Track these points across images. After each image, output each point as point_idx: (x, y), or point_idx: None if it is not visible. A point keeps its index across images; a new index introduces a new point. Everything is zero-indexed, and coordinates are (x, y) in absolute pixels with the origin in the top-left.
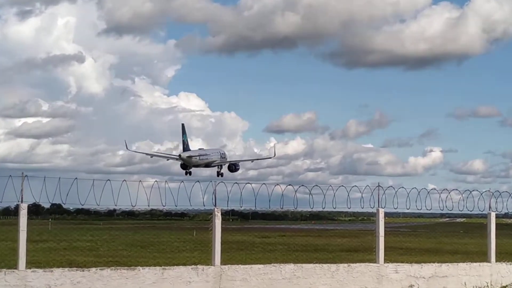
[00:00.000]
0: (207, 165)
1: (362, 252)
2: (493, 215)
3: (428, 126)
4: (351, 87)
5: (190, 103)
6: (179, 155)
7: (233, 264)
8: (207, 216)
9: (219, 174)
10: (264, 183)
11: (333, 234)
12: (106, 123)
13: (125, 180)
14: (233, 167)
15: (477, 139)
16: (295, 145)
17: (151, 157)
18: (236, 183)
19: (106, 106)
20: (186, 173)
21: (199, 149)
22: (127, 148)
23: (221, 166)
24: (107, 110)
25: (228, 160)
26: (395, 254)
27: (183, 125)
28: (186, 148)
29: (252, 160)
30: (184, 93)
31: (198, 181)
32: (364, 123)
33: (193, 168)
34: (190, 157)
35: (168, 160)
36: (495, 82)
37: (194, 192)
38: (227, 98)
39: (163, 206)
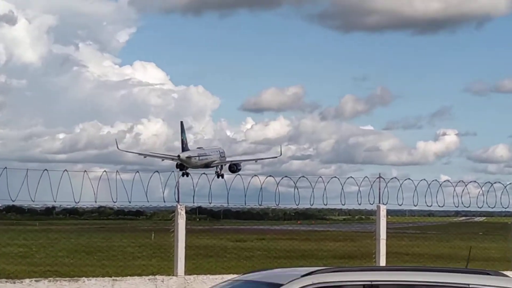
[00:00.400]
0: (207, 165)
1: (359, 259)
2: None
3: (440, 104)
4: (346, 55)
5: (148, 75)
6: (178, 156)
7: (200, 274)
8: (168, 215)
9: (219, 175)
10: (238, 174)
11: (323, 237)
12: (43, 99)
13: (66, 170)
14: (234, 167)
15: (500, 120)
16: (278, 127)
17: (145, 157)
18: (204, 173)
19: (43, 78)
20: (183, 174)
21: (198, 148)
22: (118, 148)
23: (221, 166)
24: (45, 84)
25: (227, 159)
26: (400, 261)
27: (181, 122)
28: (185, 148)
29: (256, 160)
30: (140, 63)
31: (157, 171)
32: (362, 100)
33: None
34: (189, 157)
35: (163, 160)
36: None
37: (153, 186)
38: (194, 69)
39: (114, 202)
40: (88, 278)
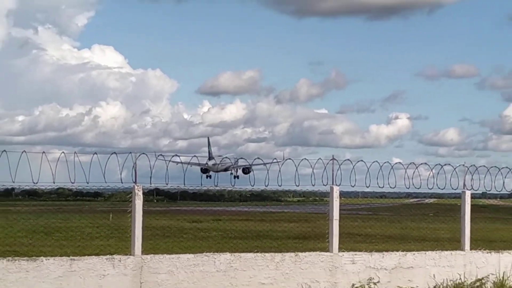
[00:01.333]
0: (226, 169)
1: (313, 239)
2: (468, 194)
3: (393, 88)
4: (301, 40)
5: (106, 58)
6: (206, 164)
7: (157, 254)
8: (125, 196)
9: (236, 176)
10: (195, 156)
11: (278, 218)
12: (2, 82)
13: (25, 151)
14: (247, 170)
15: (451, 104)
16: (234, 110)
17: (177, 164)
18: (161, 155)
19: (3, 61)
20: (206, 177)
21: (218, 156)
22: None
23: (236, 169)
24: (4, 67)
25: (239, 164)
26: (352, 241)
27: (208, 138)
28: (210, 157)
29: (265, 164)
30: (98, 46)
31: (115, 153)
32: (317, 84)
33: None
34: (214, 165)
35: (191, 166)
36: (473, 36)
37: (111, 168)
38: (151, 53)
39: (72, 183)
40: (47, 258)
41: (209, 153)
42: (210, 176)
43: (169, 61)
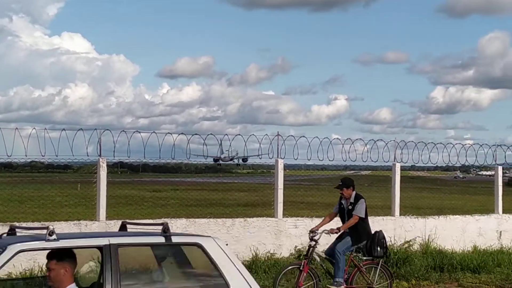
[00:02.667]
0: (231, 159)
1: (260, 206)
2: (398, 166)
3: (333, 73)
4: (251, 29)
5: (74, 44)
6: (219, 156)
7: (120, 219)
8: (92, 168)
9: (237, 164)
10: (154, 132)
11: (230, 188)
12: None
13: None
14: (245, 159)
15: (384, 87)
16: (190, 92)
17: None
18: (123, 131)
19: None
20: (217, 165)
21: (226, 150)
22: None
23: (238, 159)
24: None
25: (239, 156)
26: (295, 208)
27: (220, 140)
28: (221, 152)
29: (260, 156)
30: (67, 33)
31: (81, 129)
32: (265, 68)
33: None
34: (225, 157)
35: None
36: (404, 27)
37: (79, 143)
38: (116, 39)
39: (42, 156)
40: (20, 223)
41: (221, 149)
42: (220, 164)
43: (132, 47)
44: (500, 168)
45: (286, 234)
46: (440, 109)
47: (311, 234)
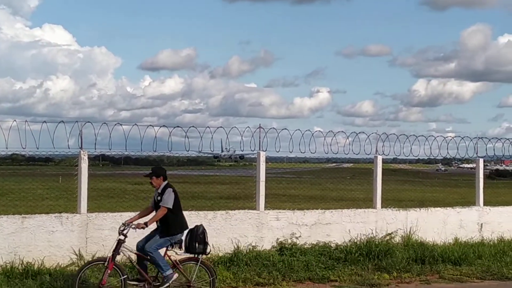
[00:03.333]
0: (230, 157)
1: (242, 199)
2: (379, 158)
3: (315, 65)
4: (233, 21)
5: (56, 36)
6: (219, 154)
7: (101, 212)
8: (73, 161)
9: (235, 160)
10: (136, 124)
11: (212, 181)
12: None
13: None
14: (242, 156)
15: (366, 80)
16: (172, 84)
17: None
18: (105, 123)
19: None
20: (217, 161)
21: (225, 149)
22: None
23: (236, 156)
24: None
25: (236, 153)
26: (277, 201)
27: (221, 140)
28: (222, 150)
29: (242, 149)
30: (49, 25)
31: (62, 121)
32: (247, 61)
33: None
34: (224, 155)
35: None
36: (387, 20)
37: (61, 136)
38: (97, 32)
39: (23, 149)
40: (1, 216)
41: (221, 148)
42: (219, 161)
43: (114, 39)
44: (481, 161)
45: (268, 227)
46: (422, 102)
47: (121, 228)
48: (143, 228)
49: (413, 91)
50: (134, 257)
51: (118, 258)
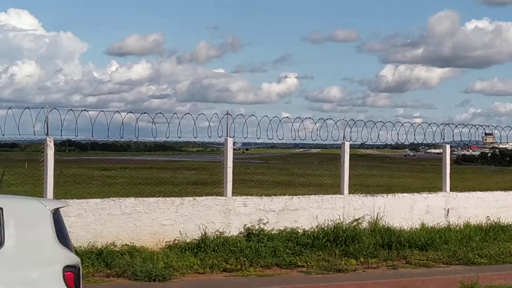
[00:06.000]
0: (237, 149)
1: (210, 185)
2: (347, 145)
3: (283, 51)
4: (201, 6)
5: (21, 21)
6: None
7: (67, 198)
8: (39, 147)
9: (243, 152)
10: (102, 111)
11: (179, 166)
12: None
13: None
14: (247, 148)
15: (334, 65)
16: (140, 70)
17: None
18: (71, 109)
19: None
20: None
21: (235, 142)
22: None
23: (244, 148)
24: None
25: (242, 146)
26: (245, 187)
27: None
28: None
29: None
30: (14, 10)
31: (28, 107)
32: (215, 46)
33: None
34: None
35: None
36: (354, 4)
37: (26, 121)
38: (64, 16)
39: None
40: None
41: (235, 143)
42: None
43: (80, 24)
44: (448, 147)
45: (235, 213)
46: (390, 87)
47: None
48: None
49: (380, 76)
50: None
51: None
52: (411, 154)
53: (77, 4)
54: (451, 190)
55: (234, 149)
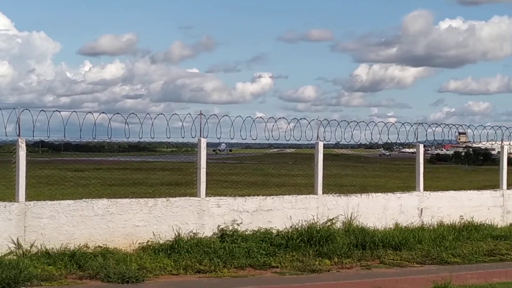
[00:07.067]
0: (222, 150)
1: (184, 185)
2: (320, 144)
3: (257, 51)
4: (175, 6)
5: None
6: (218, 148)
7: (40, 200)
8: (11, 148)
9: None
10: (74, 111)
11: (153, 167)
12: None
13: None
14: (230, 149)
15: (308, 65)
16: (113, 70)
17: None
18: (43, 110)
19: None
20: (215, 153)
21: (220, 143)
22: None
23: (227, 149)
24: None
25: (226, 147)
26: (219, 187)
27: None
28: (220, 144)
29: (231, 150)
30: None
31: None
32: (189, 46)
33: None
34: (220, 149)
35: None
36: (328, 3)
37: None
38: (36, 16)
39: None
40: None
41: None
42: (216, 153)
43: (53, 24)
44: (421, 146)
45: (209, 214)
46: (364, 86)
47: None
48: None
49: (355, 76)
50: None
51: None
52: (387, 153)
53: (50, 3)
54: (424, 190)
55: (219, 150)
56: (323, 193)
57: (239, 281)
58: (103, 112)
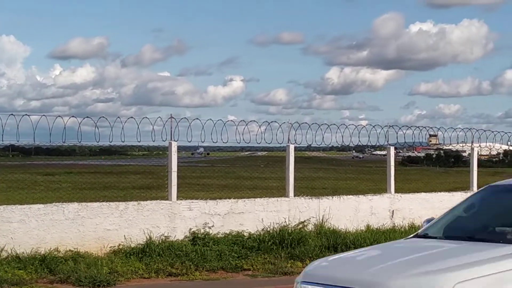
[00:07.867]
0: (200, 153)
1: (155, 189)
2: (291, 147)
3: (228, 54)
4: (145, 9)
5: None
6: (196, 151)
7: (10, 205)
8: None
9: (204, 156)
10: (44, 115)
11: (125, 170)
12: None
13: None
14: (207, 153)
15: (280, 68)
16: (84, 73)
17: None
18: (12, 114)
19: None
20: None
21: (200, 146)
22: None
23: (205, 153)
24: None
25: (204, 150)
26: (191, 190)
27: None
28: (199, 147)
29: (208, 153)
30: None
31: None
32: (160, 49)
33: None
34: (199, 152)
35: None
36: (300, 7)
37: None
38: (5, 19)
39: None
40: None
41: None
42: (194, 155)
43: (22, 28)
44: (392, 148)
45: (180, 217)
46: (335, 89)
47: None
48: None
49: (326, 79)
50: None
51: None
52: (360, 156)
53: (19, 7)
54: (396, 192)
55: (198, 153)
56: (294, 195)
57: (210, 284)
58: (73, 116)
